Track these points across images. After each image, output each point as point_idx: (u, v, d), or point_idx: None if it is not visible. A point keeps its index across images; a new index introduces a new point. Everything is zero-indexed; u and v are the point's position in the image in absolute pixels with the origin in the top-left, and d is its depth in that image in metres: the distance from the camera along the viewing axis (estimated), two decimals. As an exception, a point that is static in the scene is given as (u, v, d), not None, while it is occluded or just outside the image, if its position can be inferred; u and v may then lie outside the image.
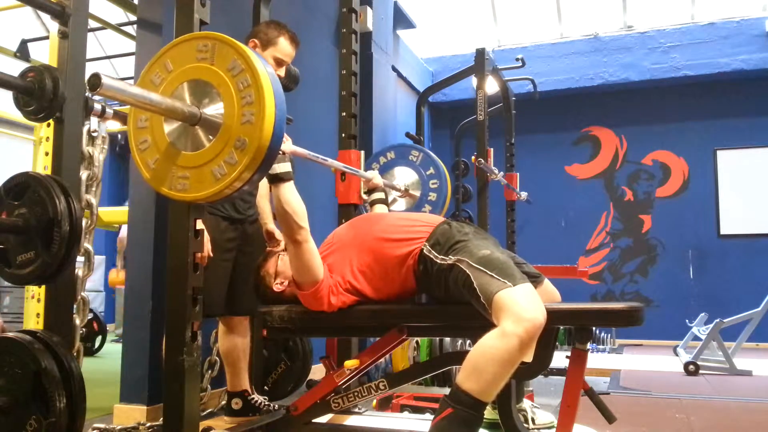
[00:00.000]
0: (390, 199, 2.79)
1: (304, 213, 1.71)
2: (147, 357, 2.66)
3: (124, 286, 2.94)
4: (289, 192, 1.69)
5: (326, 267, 1.76)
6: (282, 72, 2.47)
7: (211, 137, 1.29)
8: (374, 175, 2.43)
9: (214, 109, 1.29)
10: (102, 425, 2.44)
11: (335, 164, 2.25)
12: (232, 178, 1.25)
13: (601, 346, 5.73)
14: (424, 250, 1.72)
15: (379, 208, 2.37)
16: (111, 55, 5.47)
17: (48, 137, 1.85)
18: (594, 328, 4.39)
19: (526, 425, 2.33)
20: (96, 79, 1.05)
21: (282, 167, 1.67)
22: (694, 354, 4.38)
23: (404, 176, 3.05)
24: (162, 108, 1.25)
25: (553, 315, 1.53)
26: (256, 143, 1.23)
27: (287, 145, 1.75)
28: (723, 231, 6.43)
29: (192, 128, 1.31)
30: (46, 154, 1.82)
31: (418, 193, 2.96)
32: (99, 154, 1.96)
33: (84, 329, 1.92)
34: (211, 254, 2.12)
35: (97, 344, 5.26)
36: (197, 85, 1.31)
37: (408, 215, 2.03)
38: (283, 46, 2.40)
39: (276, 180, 1.68)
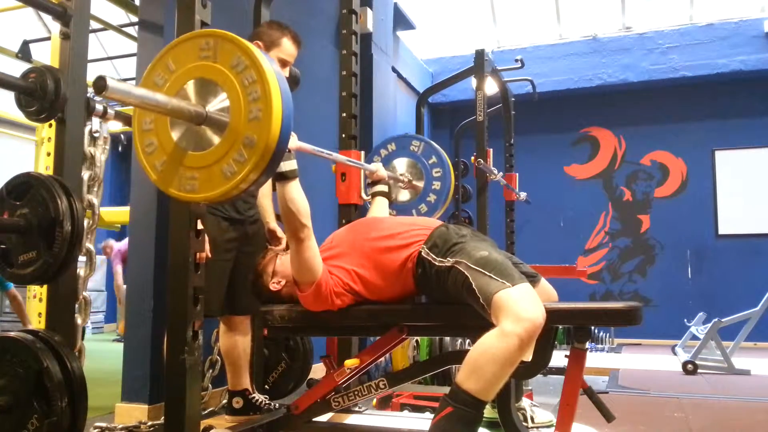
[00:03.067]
0: (394, 194, 2.79)
1: (308, 211, 1.71)
2: (148, 356, 2.67)
3: (125, 286, 2.94)
4: (295, 190, 1.68)
5: (326, 269, 1.77)
6: (286, 73, 2.48)
7: (218, 136, 1.27)
8: (378, 167, 2.44)
9: (219, 108, 1.28)
10: (103, 424, 2.45)
11: (339, 158, 2.27)
12: (242, 176, 1.24)
13: (599, 346, 5.74)
14: (423, 253, 1.73)
15: (381, 201, 2.37)
16: (112, 56, 5.48)
17: (50, 138, 1.85)
18: (593, 328, 4.41)
19: (525, 424, 2.34)
20: (101, 81, 1.05)
21: (288, 165, 1.67)
22: (692, 353, 4.39)
23: (406, 167, 3.02)
24: (168, 109, 1.24)
25: (551, 314, 1.53)
26: (264, 139, 1.22)
27: (293, 141, 1.75)
28: (721, 231, 6.45)
29: (198, 128, 1.30)
30: (48, 154, 1.82)
31: (421, 184, 2.94)
32: (101, 154, 1.97)
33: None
34: (210, 255, 2.13)
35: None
36: (201, 84, 1.30)
37: (406, 219, 2.04)
38: (287, 47, 2.41)
39: (281, 178, 1.67)
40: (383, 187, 2.40)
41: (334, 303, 1.74)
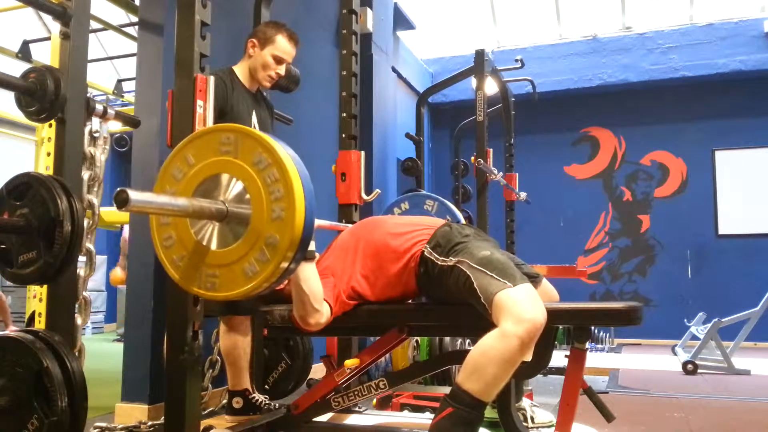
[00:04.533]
0: None
1: (321, 295, 1.67)
2: (148, 356, 2.67)
3: (125, 286, 2.94)
4: (310, 272, 1.64)
5: (328, 279, 1.75)
6: (282, 70, 2.48)
7: (239, 232, 1.24)
8: None
9: (240, 204, 1.25)
10: (103, 424, 2.45)
11: None
12: (265, 276, 1.21)
13: (599, 346, 5.74)
14: (425, 252, 1.73)
15: None
16: (112, 56, 5.48)
17: (50, 138, 1.84)
18: (593, 328, 4.40)
19: (525, 424, 2.34)
20: (123, 194, 1.02)
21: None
22: (692, 353, 4.39)
23: None
24: (189, 212, 1.21)
25: (552, 314, 1.53)
26: (288, 239, 1.19)
27: None
28: (721, 231, 6.45)
29: (219, 224, 1.27)
30: (48, 154, 1.82)
31: None
32: (101, 154, 1.97)
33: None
34: None
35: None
36: (222, 180, 1.27)
37: (409, 219, 2.04)
38: (282, 44, 2.41)
39: None
40: None
41: (335, 314, 1.74)
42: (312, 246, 1.64)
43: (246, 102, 2.44)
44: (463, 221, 2.97)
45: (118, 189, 1.05)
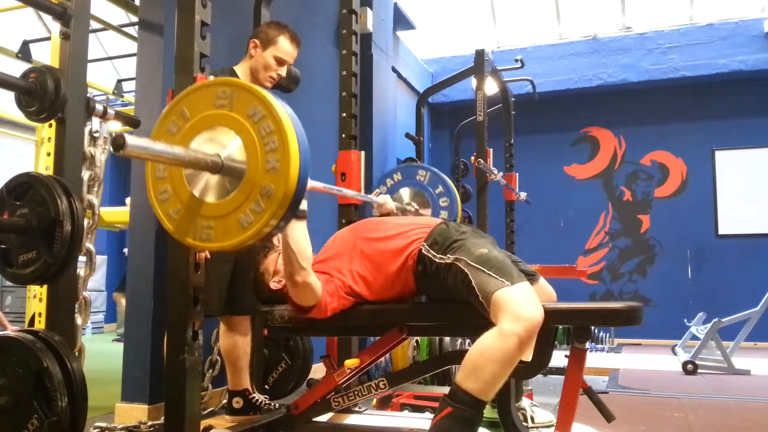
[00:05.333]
0: None
1: (309, 255, 1.68)
2: (148, 356, 2.67)
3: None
4: (299, 230, 1.65)
5: (326, 276, 1.75)
6: (283, 71, 2.48)
7: (234, 185, 1.26)
8: (386, 200, 2.44)
9: (236, 157, 1.26)
10: (103, 424, 2.45)
11: (348, 194, 2.26)
12: (259, 226, 1.23)
13: (599, 346, 5.74)
14: (423, 250, 1.73)
15: None
16: (112, 56, 5.48)
17: (50, 138, 1.85)
18: (593, 328, 4.40)
19: (525, 424, 2.34)
20: (120, 139, 1.04)
21: None
22: (692, 353, 4.39)
23: (413, 197, 3.02)
24: (185, 161, 1.23)
25: (552, 314, 1.54)
26: (282, 190, 1.20)
27: None
28: (721, 231, 6.45)
29: (214, 177, 1.28)
30: (48, 154, 1.82)
31: (428, 212, 2.94)
32: (100, 154, 1.97)
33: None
34: (209, 255, 2.13)
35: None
36: (217, 133, 1.28)
37: (406, 219, 2.05)
38: (284, 45, 2.41)
39: None
40: None
41: (335, 307, 1.74)
42: (304, 205, 1.65)
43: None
44: (455, 192, 2.96)
45: (116, 134, 1.07)
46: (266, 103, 1.24)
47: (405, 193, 2.98)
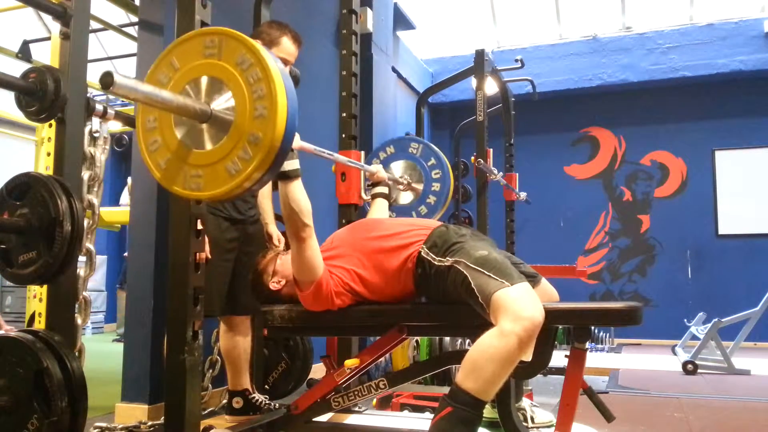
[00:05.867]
0: (393, 195, 2.78)
1: (309, 210, 1.70)
2: (148, 356, 2.67)
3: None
4: (297, 189, 1.67)
5: (326, 269, 1.77)
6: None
7: (222, 134, 1.27)
8: (378, 169, 2.44)
9: (224, 105, 1.28)
10: (103, 424, 2.45)
11: (340, 158, 2.26)
12: (246, 174, 1.23)
13: (599, 346, 5.74)
14: (422, 253, 1.73)
15: (381, 203, 2.37)
16: (112, 56, 5.48)
17: (50, 138, 1.85)
18: (593, 328, 4.40)
19: (525, 424, 2.34)
20: (108, 77, 1.04)
21: (290, 164, 1.66)
22: (692, 353, 4.39)
23: (406, 170, 3.02)
24: (173, 106, 1.24)
25: (552, 314, 1.54)
26: (270, 137, 1.21)
27: (295, 141, 1.75)
28: (721, 231, 6.45)
29: (203, 125, 1.29)
30: (48, 154, 1.82)
31: (420, 186, 2.95)
32: (100, 154, 1.97)
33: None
34: (210, 255, 2.14)
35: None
36: (206, 82, 1.29)
37: (406, 220, 2.04)
38: (287, 46, 2.41)
39: (284, 177, 1.66)
40: (383, 189, 2.41)
41: (334, 303, 1.74)
42: (297, 164, 1.67)
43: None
44: (447, 165, 2.96)
45: (104, 72, 1.06)
46: (254, 51, 1.25)
47: (398, 166, 2.99)
